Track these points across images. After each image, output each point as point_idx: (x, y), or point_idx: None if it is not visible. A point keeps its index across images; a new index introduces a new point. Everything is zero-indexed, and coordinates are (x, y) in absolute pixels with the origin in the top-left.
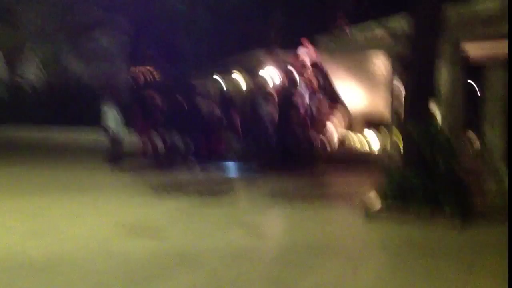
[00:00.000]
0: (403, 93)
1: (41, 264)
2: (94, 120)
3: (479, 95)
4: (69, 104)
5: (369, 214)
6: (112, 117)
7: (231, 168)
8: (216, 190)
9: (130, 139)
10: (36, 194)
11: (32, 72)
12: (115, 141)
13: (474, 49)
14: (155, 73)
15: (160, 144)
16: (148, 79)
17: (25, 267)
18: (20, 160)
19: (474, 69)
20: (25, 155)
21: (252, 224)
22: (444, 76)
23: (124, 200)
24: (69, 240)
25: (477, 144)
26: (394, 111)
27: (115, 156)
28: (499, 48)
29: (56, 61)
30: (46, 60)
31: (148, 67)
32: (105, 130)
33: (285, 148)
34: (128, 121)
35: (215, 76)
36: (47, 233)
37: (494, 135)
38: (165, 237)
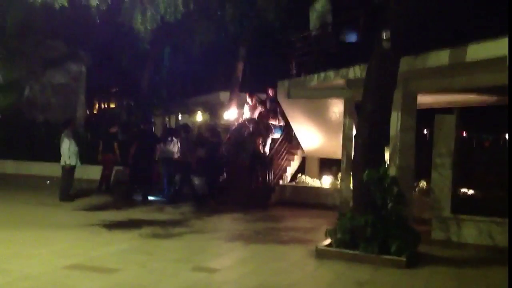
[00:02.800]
0: (357, 138)
1: None
2: (52, 155)
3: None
4: (26, 138)
5: (319, 252)
6: (67, 149)
7: (185, 205)
8: (170, 228)
9: (86, 173)
10: None
11: None
12: (69, 174)
13: (427, 99)
14: (115, 107)
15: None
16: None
17: None
18: None
19: (425, 115)
20: None
21: (205, 264)
22: (396, 123)
23: (77, 238)
24: (18, 280)
25: (427, 192)
26: (347, 155)
27: (68, 191)
28: (451, 99)
29: (15, 94)
30: (4, 92)
31: (110, 103)
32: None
33: (238, 186)
34: (86, 154)
35: (176, 114)
36: None
37: (442, 183)
38: (116, 278)
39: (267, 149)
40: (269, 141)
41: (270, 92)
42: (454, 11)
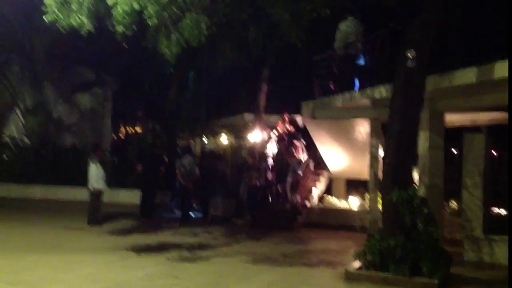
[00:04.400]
0: (384, 159)
1: None
2: (79, 180)
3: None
4: (53, 163)
5: (348, 275)
6: (94, 173)
7: (214, 228)
8: (197, 251)
9: (113, 197)
10: (16, 254)
11: (17, 130)
12: (96, 198)
13: (454, 118)
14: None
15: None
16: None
17: None
18: (1, 218)
19: (454, 134)
20: (7, 214)
21: None
22: (424, 143)
23: (104, 262)
24: None
25: (458, 212)
26: (375, 175)
27: (95, 215)
28: (478, 117)
29: (43, 119)
30: (33, 118)
31: (135, 126)
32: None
33: (267, 208)
34: (113, 178)
35: (200, 137)
36: None
37: (473, 203)
38: None
39: (288, 185)
40: (289, 179)
41: (288, 126)
42: (480, 29)
